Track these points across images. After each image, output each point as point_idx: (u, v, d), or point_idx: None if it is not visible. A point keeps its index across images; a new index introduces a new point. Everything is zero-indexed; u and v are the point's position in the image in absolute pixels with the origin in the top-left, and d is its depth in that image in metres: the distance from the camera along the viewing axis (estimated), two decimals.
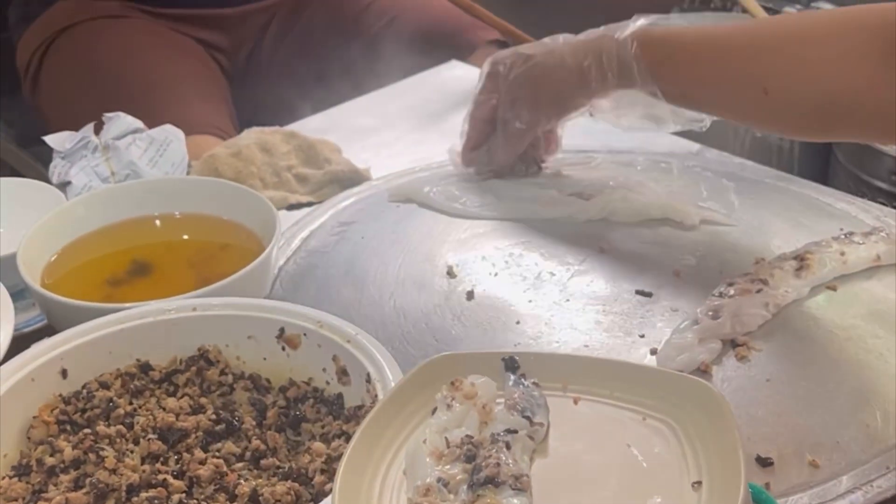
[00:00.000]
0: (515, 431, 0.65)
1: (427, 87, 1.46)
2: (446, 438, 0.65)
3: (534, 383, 0.69)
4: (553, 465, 0.64)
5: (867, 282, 0.95)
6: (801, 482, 0.75)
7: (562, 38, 1.05)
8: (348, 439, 0.67)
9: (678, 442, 0.63)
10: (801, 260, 0.93)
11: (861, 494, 0.74)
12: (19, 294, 0.93)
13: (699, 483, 0.60)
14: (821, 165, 1.35)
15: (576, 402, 0.68)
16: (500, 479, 0.61)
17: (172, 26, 1.58)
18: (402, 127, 1.34)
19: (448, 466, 0.63)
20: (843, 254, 0.95)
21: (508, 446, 0.63)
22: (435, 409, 0.67)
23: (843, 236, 0.98)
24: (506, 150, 1.11)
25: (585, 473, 0.63)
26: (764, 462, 0.76)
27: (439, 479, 0.62)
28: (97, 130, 1.11)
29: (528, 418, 0.66)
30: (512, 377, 0.69)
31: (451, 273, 0.99)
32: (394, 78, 1.46)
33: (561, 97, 1.05)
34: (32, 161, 1.67)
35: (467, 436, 0.65)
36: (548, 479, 0.63)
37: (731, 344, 0.87)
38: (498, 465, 0.62)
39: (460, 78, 1.47)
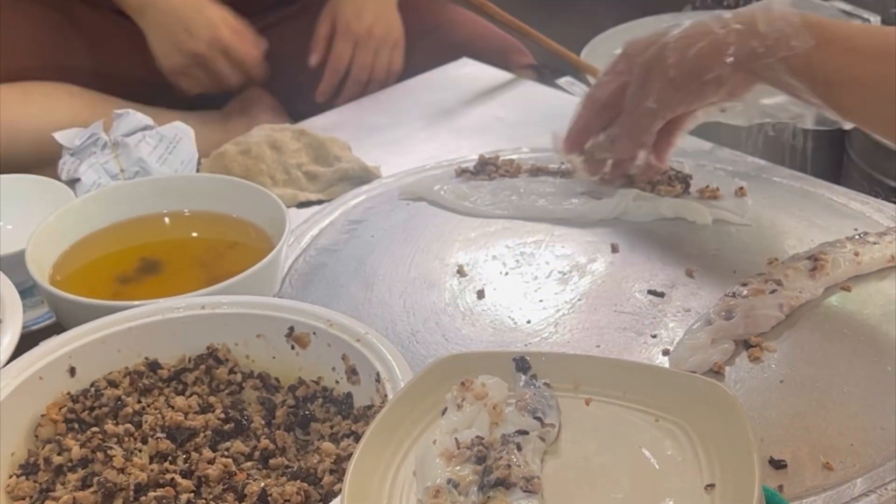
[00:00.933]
0: (526, 433, 0.64)
1: (438, 84, 1.46)
2: (456, 439, 0.64)
3: (545, 384, 0.68)
4: (564, 467, 0.64)
5: (882, 282, 0.94)
6: (814, 485, 0.74)
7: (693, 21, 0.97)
8: (357, 439, 0.67)
9: (691, 444, 0.63)
10: (815, 260, 0.93)
11: (875, 497, 0.73)
12: (28, 291, 0.93)
13: (712, 486, 0.59)
14: (834, 165, 1.34)
15: (587, 403, 0.68)
16: (510, 480, 0.60)
17: None
18: (413, 125, 1.34)
19: (458, 468, 0.62)
20: (857, 254, 0.94)
21: (519, 448, 0.63)
22: (445, 410, 0.67)
23: (857, 236, 0.97)
24: (631, 137, 1.01)
25: (597, 475, 0.63)
26: (777, 464, 0.75)
27: (449, 481, 0.61)
28: (107, 127, 1.10)
29: (539, 419, 0.65)
30: (523, 377, 0.69)
31: (461, 272, 0.98)
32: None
33: (699, 69, 0.95)
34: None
35: (478, 437, 0.64)
36: (559, 481, 0.62)
37: (745, 345, 0.86)
38: (509, 466, 0.61)
39: (471, 76, 1.47)
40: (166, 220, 1.02)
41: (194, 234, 1.01)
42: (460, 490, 0.61)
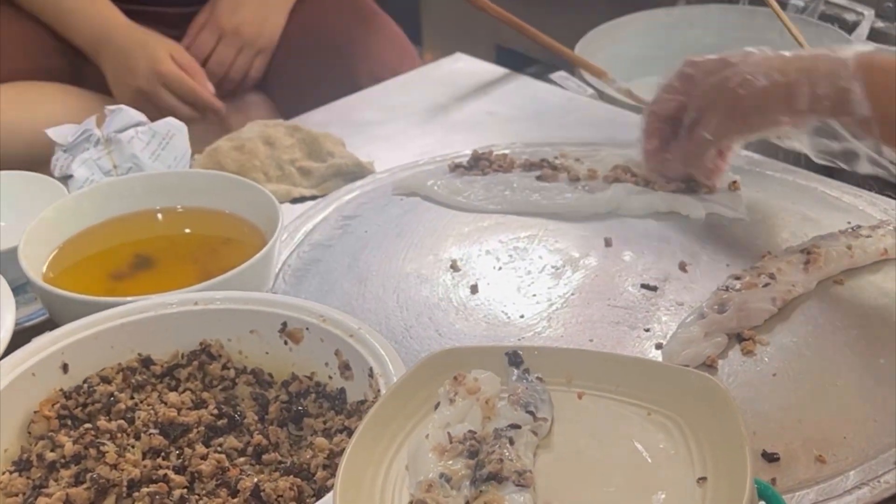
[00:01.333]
0: (519, 427, 0.64)
1: (431, 80, 1.46)
2: (449, 434, 0.64)
3: (538, 378, 0.68)
4: (557, 461, 0.64)
5: (874, 275, 0.94)
6: (807, 478, 0.74)
7: (758, 51, 0.97)
8: (350, 434, 0.67)
9: (683, 437, 0.63)
10: (807, 254, 0.93)
11: (868, 490, 0.73)
12: (21, 288, 0.92)
13: (704, 479, 0.59)
14: None
15: (580, 396, 0.67)
16: (503, 475, 0.60)
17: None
18: (406, 120, 1.34)
19: (451, 462, 0.62)
20: (850, 247, 0.94)
21: (512, 442, 0.63)
22: (438, 404, 0.67)
23: (850, 230, 0.97)
24: (684, 163, 1.04)
25: (589, 469, 0.63)
26: (770, 457, 0.75)
27: (442, 475, 0.61)
28: (100, 123, 1.10)
29: (531, 413, 0.65)
30: (515, 372, 0.69)
31: (454, 267, 0.98)
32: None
33: (761, 111, 0.96)
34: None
35: (470, 431, 0.64)
36: (551, 475, 0.62)
37: (738, 338, 0.86)
38: (501, 460, 0.61)
39: (464, 71, 1.46)
40: (159, 216, 1.02)
41: (187, 231, 1.01)
42: (453, 484, 0.61)
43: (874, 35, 1.45)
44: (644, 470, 0.61)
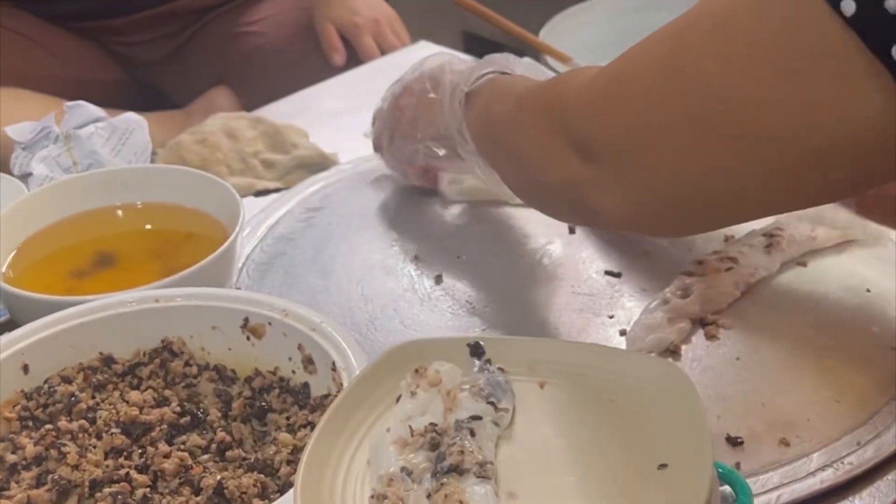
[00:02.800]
0: (480, 418, 0.64)
1: (395, 69, 1.44)
2: (410, 427, 0.64)
3: (499, 368, 0.68)
4: (519, 451, 0.63)
5: (837, 257, 0.95)
6: (771, 461, 0.74)
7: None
8: (314, 429, 0.66)
9: (645, 424, 0.63)
10: (770, 237, 0.93)
11: (832, 471, 0.74)
12: None
13: (665, 465, 0.59)
14: None
15: (542, 386, 0.67)
16: (464, 466, 0.60)
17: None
18: (371, 110, 1.32)
19: (412, 455, 0.62)
20: (812, 230, 0.94)
21: (473, 433, 0.63)
22: (399, 397, 0.67)
23: (812, 211, 0.97)
24: None
25: (551, 458, 0.62)
26: (734, 441, 0.76)
27: (403, 469, 0.61)
28: (58, 120, 1.09)
29: (492, 404, 0.65)
30: (477, 363, 0.68)
31: (418, 258, 0.98)
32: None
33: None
34: None
35: (431, 424, 0.64)
36: (514, 465, 0.62)
37: (701, 323, 0.86)
38: (462, 452, 0.61)
39: None
40: (119, 212, 1.01)
41: (148, 227, 1.00)
42: (414, 477, 0.61)
43: None
44: (605, 458, 0.61)
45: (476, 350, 0.69)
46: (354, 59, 1.53)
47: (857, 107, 0.50)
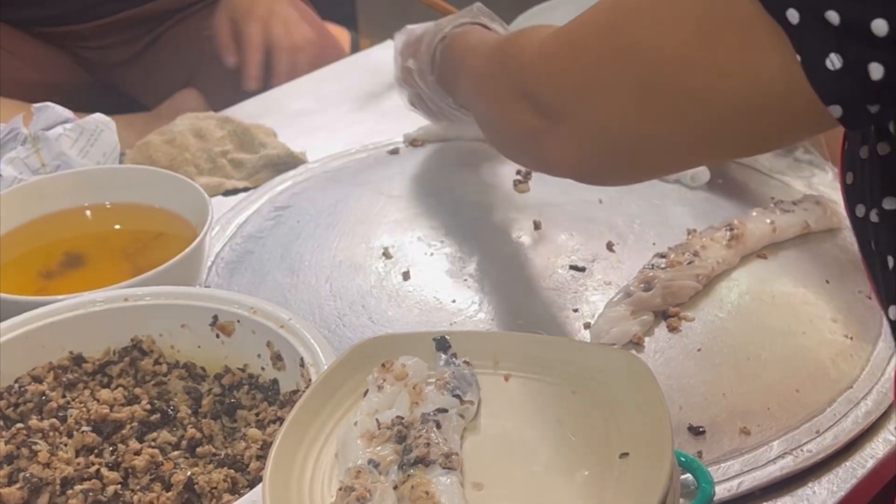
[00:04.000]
0: (446, 410, 0.65)
1: (363, 68, 1.46)
2: (377, 420, 0.65)
3: (465, 362, 0.69)
4: (484, 443, 0.65)
5: (796, 249, 0.96)
6: (732, 449, 0.76)
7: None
8: (283, 424, 0.67)
9: (607, 414, 0.64)
10: (731, 230, 0.94)
11: (791, 459, 0.75)
12: None
13: (626, 454, 0.61)
14: None
15: (506, 379, 0.69)
16: (430, 458, 0.61)
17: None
18: (338, 109, 1.34)
19: (379, 448, 0.63)
20: (772, 222, 0.96)
21: (439, 425, 0.64)
22: (367, 392, 0.68)
23: (772, 205, 0.99)
24: None
25: (515, 449, 0.64)
26: (696, 431, 0.77)
27: (370, 461, 0.62)
28: (26, 122, 1.09)
29: (458, 397, 0.66)
30: (443, 356, 0.70)
31: (386, 254, 0.99)
32: None
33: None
34: None
35: (398, 417, 0.65)
36: (478, 456, 0.63)
37: (663, 315, 0.88)
38: (428, 444, 0.62)
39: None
40: (88, 213, 1.01)
41: (117, 227, 1.01)
42: (381, 469, 0.62)
43: None
44: (568, 448, 0.63)
45: (442, 344, 0.70)
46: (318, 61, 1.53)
47: (761, 68, 0.54)
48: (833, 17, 0.49)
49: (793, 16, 0.51)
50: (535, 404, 0.66)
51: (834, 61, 0.50)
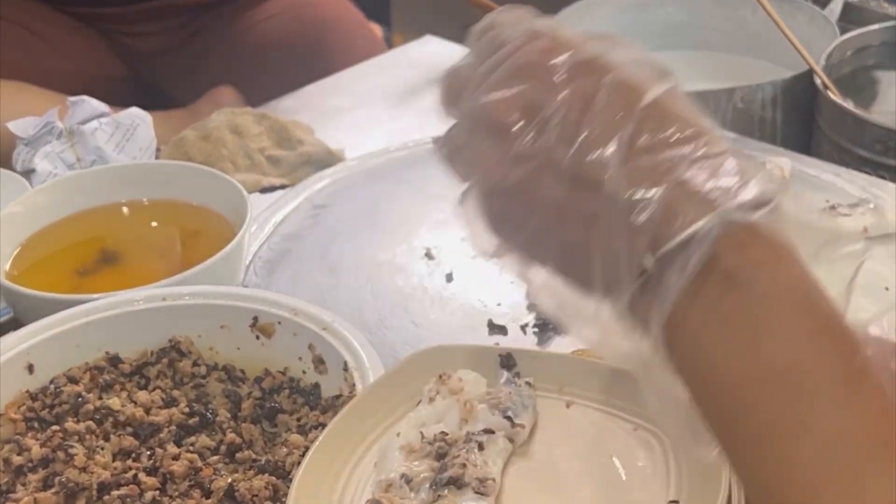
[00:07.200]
0: (492, 432, 0.62)
1: (400, 64, 1.44)
2: (422, 433, 0.62)
3: (527, 383, 0.66)
4: (530, 470, 0.62)
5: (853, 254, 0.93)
6: None
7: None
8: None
9: (664, 456, 0.61)
10: None
11: None
12: None
13: (676, 502, 0.57)
14: (805, 135, 1.32)
15: (568, 405, 0.66)
16: (464, 480, 0.58)
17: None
18: (376, 106, 1.32)
19: (416, 463, 0.61)
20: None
21: (482, 447, 0.61)
22: (420, 402, 0.65)
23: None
24: None
25: (561, 481, 0.61)
26: None
27: (402, 476, 0.59)
28: (61, 115, 1.08)
29: (509, 419, 0.63)
30: (506, 374, 0.67)
31: (429, 255, 0.97)
32: None
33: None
34: None
35: (442, 432, 0.62)
36: (521, 484, 0.61)
37: None
38: (465, 465, 0.59)
39: (434, 53, 1.44)
40: (125, 209, 1.00)
41: (154, 224, 0.99)
42: (412, 486, 0.59)
43: (847, 9, 1.44)
44: (616, 487, 0.60)
45: (507, 361, 0.67)
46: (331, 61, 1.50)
47: None
48: None
49: None
50: (592, 436, 0.63)
51: None
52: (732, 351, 0.43)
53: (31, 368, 0.77)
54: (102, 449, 0.72)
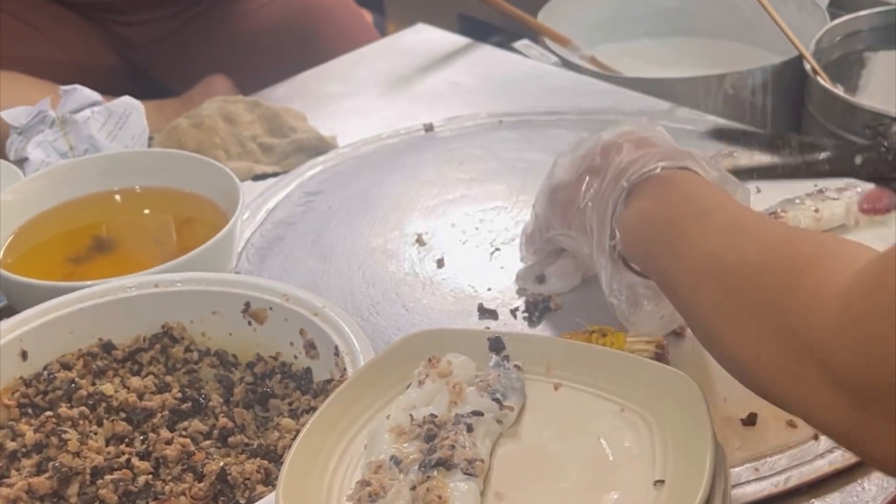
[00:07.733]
0: (481, 414, 0.62)
1: (393, 51, 1.44)
2: (411, 416, 0.63)
3: (516, 366, 0.66)
4: (518, 451, 0.62)
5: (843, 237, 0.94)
6: (779, 443, 0.74)
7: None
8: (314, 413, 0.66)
9: (651, 436, 0.61)
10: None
11: (840, 454, 0.73)
12: None
13: (662, 482, 0.58)
14: (794, 120, 1.33)
15: (556, 388, 0.66)
16: (452, 462, 0.59)
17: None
18: (368, 93, 1.32)
19: (405, 444, 0.61)
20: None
21: (470, 429, 0.61)
22: (409, 385, 0.66)
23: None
24: None
25: (549, 462, 0.61)
26: (747, 421, 0.75)
27: (392, 457, 0.60)
28: (54, 104, 1.08)
29: (497, 401, 0.63)
30: (494, 357, 0.67)
31: (420, 241, 0.97)
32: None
33: None
34: None
35: (431, 415, 0.62)
36: (508, 465, 0.61)
37: None
38: (453, 447, 0.59)
39: (427, 41, 1.45)
40: (117, 197, 1.00)
41: (147, 211, 0.99)
42: (402, 467, 0.59)
43: None
44: (603, 467, 0.60)
45: (496, 345, 0.68)
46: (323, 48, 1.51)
47: None
48: None
49: None
50: (579, 417, 0.64)
51: None
52: (655, 205, 0.74)
53: (24, 355, 0.77)
54: (96, 434, 0.72)
